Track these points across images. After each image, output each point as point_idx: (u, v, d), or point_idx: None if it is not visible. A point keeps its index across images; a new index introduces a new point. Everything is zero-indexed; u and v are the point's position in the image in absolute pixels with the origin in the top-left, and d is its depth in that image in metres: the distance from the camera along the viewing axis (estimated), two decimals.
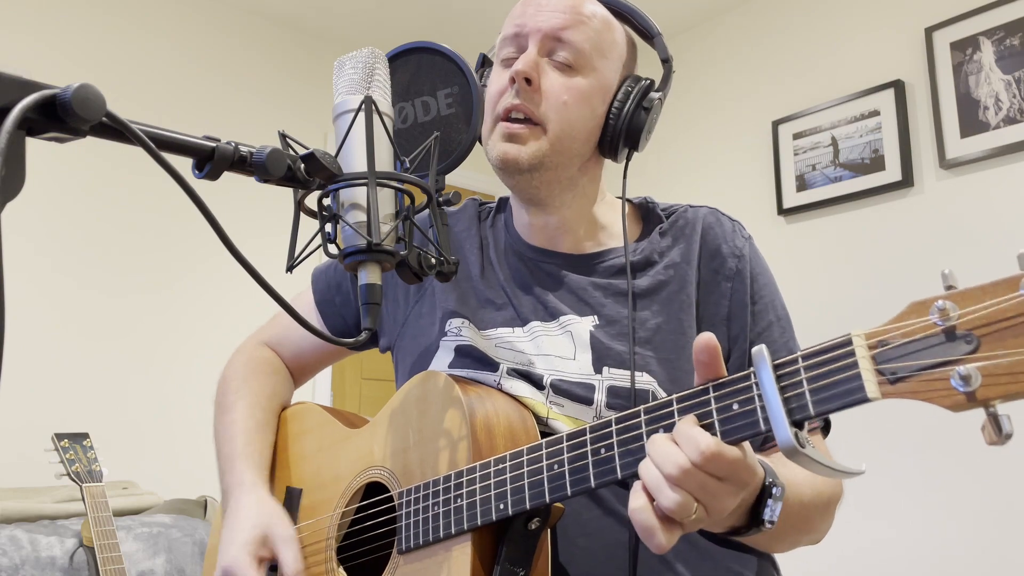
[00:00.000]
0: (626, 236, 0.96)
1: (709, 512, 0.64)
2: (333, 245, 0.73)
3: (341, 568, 0.93)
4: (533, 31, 0.94)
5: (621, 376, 0.89)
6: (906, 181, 2.64)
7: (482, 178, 3.50)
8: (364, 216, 0.70)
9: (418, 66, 0.88)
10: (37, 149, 0.72)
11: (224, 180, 0.66)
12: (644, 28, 1.00)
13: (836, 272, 2.79)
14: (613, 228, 1.02)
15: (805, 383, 0.59)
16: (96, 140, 0.56)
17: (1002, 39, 2.48)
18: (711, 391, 0.65)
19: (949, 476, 2.42)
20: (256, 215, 2.87)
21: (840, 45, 2.90)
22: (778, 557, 0.95)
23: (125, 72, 2.84)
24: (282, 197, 2.90)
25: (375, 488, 0.94)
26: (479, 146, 0.92)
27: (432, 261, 0.76)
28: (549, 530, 0.81)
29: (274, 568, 1.01)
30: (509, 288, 0.99)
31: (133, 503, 2.19)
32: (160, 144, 0.58)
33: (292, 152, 0.67)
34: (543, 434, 0.86)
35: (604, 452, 0.71)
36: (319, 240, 0.72)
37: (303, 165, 0.67)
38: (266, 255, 1.43)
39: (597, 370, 0.90)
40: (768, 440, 0.89)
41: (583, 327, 0.93)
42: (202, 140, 0.61)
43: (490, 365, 0.93)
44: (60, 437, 1.93)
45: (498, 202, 1.09)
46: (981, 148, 2.48)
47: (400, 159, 0.75)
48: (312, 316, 1.13)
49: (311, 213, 0.74)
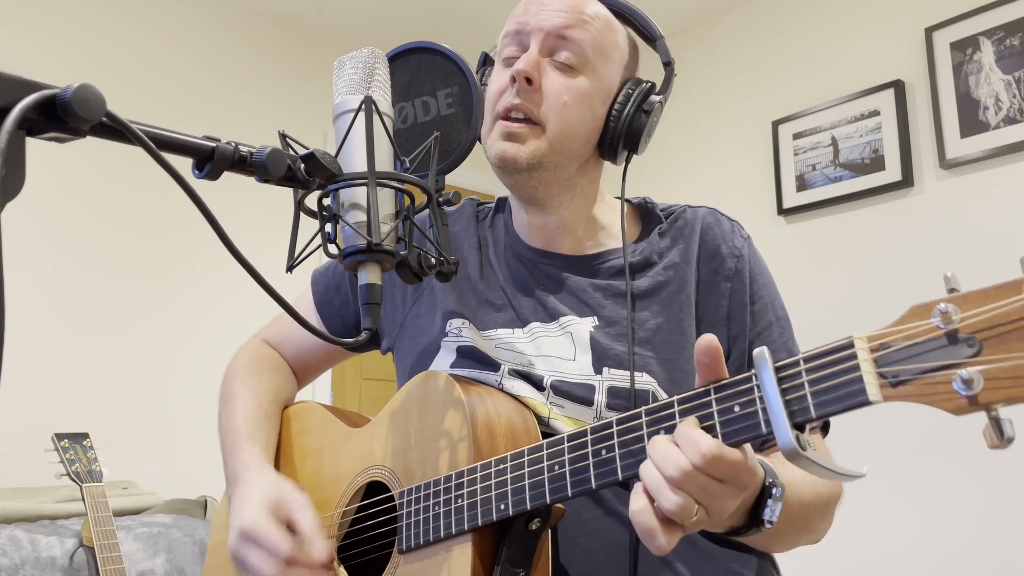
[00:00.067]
0: (625, 237, 0.96)
1: (710, 514, 0.64)
2: (333, 245, 0.73)
3: (342, 567, 0.93)
4: (535, 30, 0.93)
5: (621, 376, 0.89)
6: (906, 181, 2.64)
7: (482, 178, 3.50)
8: (364, 216, 0.70)
9: (418, 66, 0.88)
10: (37, 149, 0.72)
11: (224, 180, 0.66)
12: (646, 31, 1.00)
13: (836, 272, 2.79)
14: (612, 228, 1.01)
15: (807, 385, 0.59)
16: (96, 140, 0.56)
17: (1002, 39, 2.48)
18: (712, 393, 0.65)
19: (950, 477, 2.41)
20: (256, 215, 2.87)
21: (840, 45, 2.90)
22: (778, 557, 0.95)
23: (125, 72, 2.84)
24: (282, 197, 2.90)
25: (376, 487, 0.94)
26: (479, 146, 0.92)
27: (432, 261, 0.76)
28: (550, 530, 0.81)
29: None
30: (509, 289, 0.99)
31: (133, 503, 2.19)
32: (160, 144, 0.58)
33: (292, 152, 0.67)
34: (544, 435, 0.86)
35: (605, 453, 0.71)
36: (319, 240, 0.72)
37: (303, 165, 0.66)
38: (266, 255, 1.43)
39: (597, 371, 0.90)
40: (768, 440, 0.89)
41: (583, 328, 0.93)
42: (202, 140, 0.61)
43: (492, 365, 0.93)
44: (60, 437, 1.93)
45: (497, 202, 1.09)
46: (981, 148, 2.48)
47: (400, 159, 0.75)
48: (312, 318, 1.12)
49: (311, 213, 0.74)
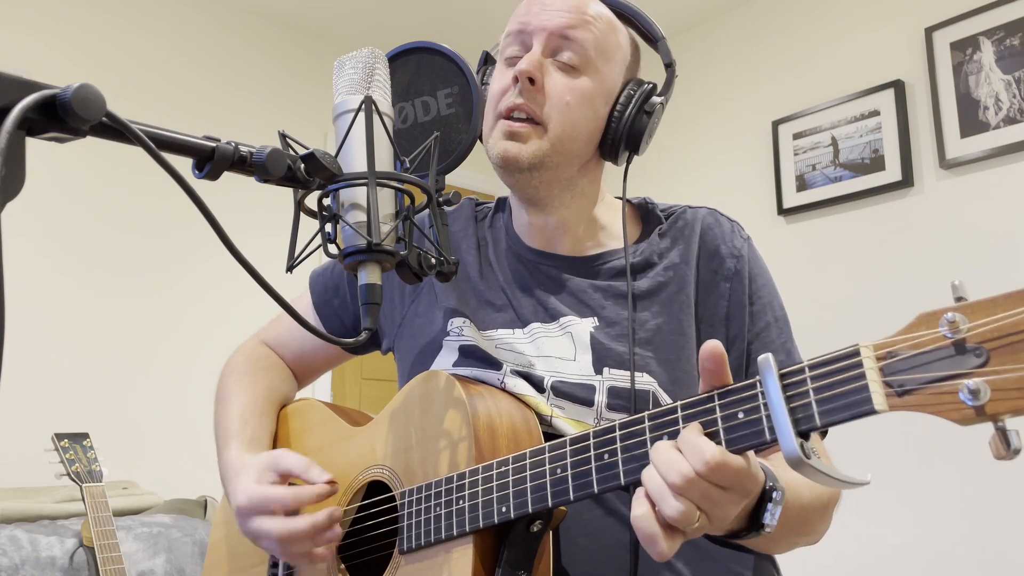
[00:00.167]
0: (626, 238, 0.96)
1: (711, 520, 0.64)
2: (333, 245, 0.73)
3: (342, 566, 0.93)
4: (538, 30, 0.93)
5: (621, 377, 0.89)
6: (906, 181, 2.63)
7: (482, 178, 3.50)
8: (364, 216, 0.69)
9: (418, 66, 0.88)
10: (37, 149, 0.72)
11: (224, 180, 0.66)
12: (648, 32, 1.00)
13: (836, 272, 2.79)
14: (612, 229, 1.01)
15: (811, 393, 0.58)
16: (96, 140, 0.56)
17: (1002, 39, 2.48)
18: (716, 399, 0.64)
19: (950, 481, 2.41)
20: (256, 215, 2.86)
21: (840, 45, 2.90)
22: (778, 557, 0.95)
23: (125, 72, 2.84)
24: (282, 197, 2.89)
25: (376, 487, 0.94)
26: (479, 146, 0.92)
27: (432, 261, 0.76)
28: (551, 532, 0.81)
29: (275, 564, 1.01)
30: (509, 290, 0.99)
31: (133, 503, 2.19)
32: (160, 144, 0.58)
33: (292, 152, 0.67)
34: (546, 435, 0.85)
35: (608, 457, 0.70)
36: (319, 240, 0.72)
37: (303, 165, 0.66)
38: (266, 255, 1.43)
39: (597, 371, 0.90)
40: (769, 444, 0.89)
41: (583, 328, 0.93)
42: (202, 140, 0.61)
43: (494, 365, 0.93)
44: (60, 437, 1.93)
45: (496, 202, 1.09)
46: (981, 148, 2.48)
47: (400, 159, 0.75)
48: (310, 319, 1.12)
49: (311, 213, 0.74)
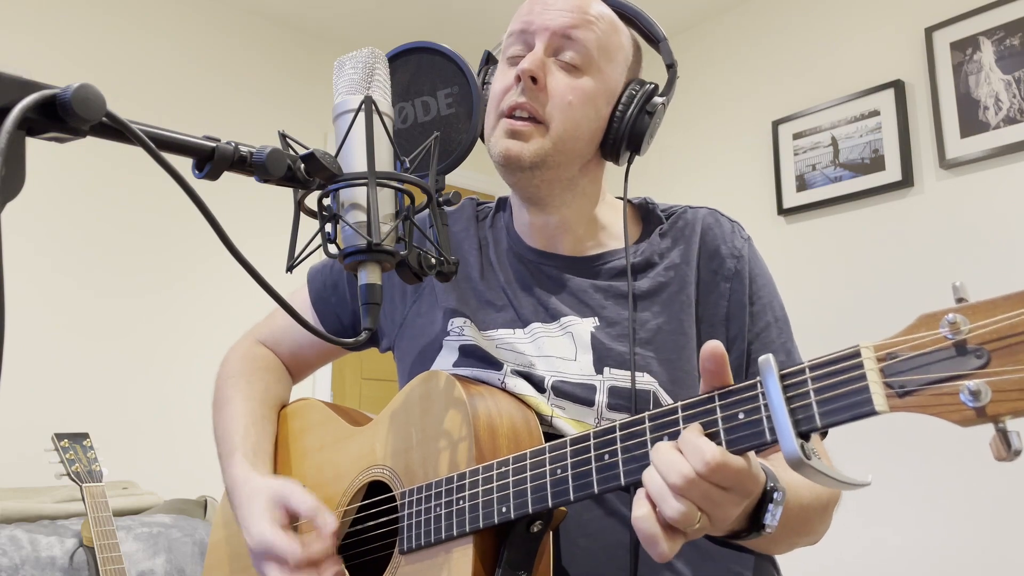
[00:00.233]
0: (627, 238, 0.96)
1: (712, 521, 0.64)
2: (333, 245, 0.73)
3: (343, 566, 0.93)
4: (540, 29, 0.93)
5: (622, 376, 0.89)
6: (906, 181, 2.63)
7: (482, 178, 3.50)
8: (364, 216, 0.69)
9: (418, 66, 0.88)
10: (37, 149, 0.72)
11: (224, 180, 0.66)
12: (649, 32, 1.00)
13: (836, 272, 2.79)
14: (613, 229, 1.01)
15: (812, 394, 0.58)
16: (96, 140, 0.56)
17: (1002, 39, 2.48)
18: (717, 399, 0.64)
19: (951, 481, 2.41)
20: (256, 215, 2.86)
21: (840, 45, 2.90)
22: (778, 557, 0.95)
23: (125, 72, 2.84)
24: (282, 197, 2.90)
25: (377, 487, 0.94)
26: (479, 146, 0.92)
27: (432, 261, 0.76)
28: (551, 532, 0.81)
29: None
30: (510, 290, 0.99)
31: (133, 503, 2.19)
32: (160, 144, 0.58)
33: (292, 152, 0.67)
34: (546, 435, 0.85)
35: (608, 458, 0.70)
36: (319, 240, 0.72)
37: (303, 165, 0.66)
38: (266, 255, 1.43)
39: (598, 371, 0.90)
40: (769, 445, 0.89)
41: (584, 328, 0.93)
42: (202, 140, 0.61)
43: (494, 364, 0.93)
44: (60, 437, 1.93)
45: (497, 202, 1.09)
46: (981, 148, 2.48)
47: (400, 159, 0.75)
48: (307, 315, 1.12)
49: (311, 213, 0.74)
